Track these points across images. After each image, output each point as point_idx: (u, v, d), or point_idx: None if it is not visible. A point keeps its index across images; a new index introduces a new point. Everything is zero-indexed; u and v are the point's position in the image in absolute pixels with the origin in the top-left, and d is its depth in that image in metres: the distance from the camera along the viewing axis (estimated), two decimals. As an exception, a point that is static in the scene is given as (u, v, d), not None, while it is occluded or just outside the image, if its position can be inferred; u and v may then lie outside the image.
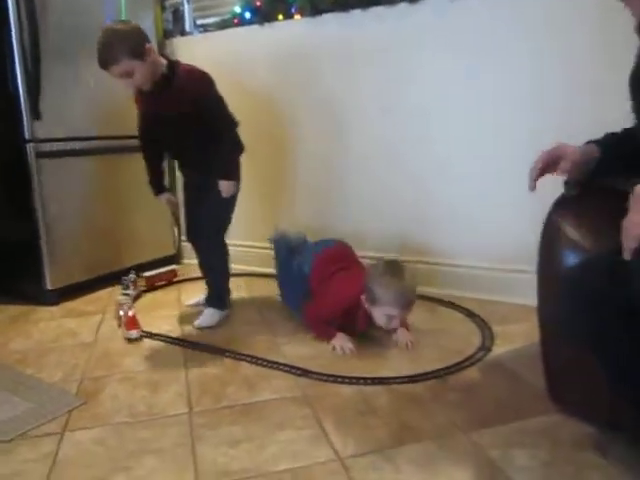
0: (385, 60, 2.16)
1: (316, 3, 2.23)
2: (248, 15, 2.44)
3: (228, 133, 1.83)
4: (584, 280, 0.94)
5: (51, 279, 2.22)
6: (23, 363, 1.71)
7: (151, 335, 1.88)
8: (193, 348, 1.76)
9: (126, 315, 1.85)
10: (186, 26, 2.72)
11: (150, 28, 2.47)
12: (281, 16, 2.36)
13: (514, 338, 1.73)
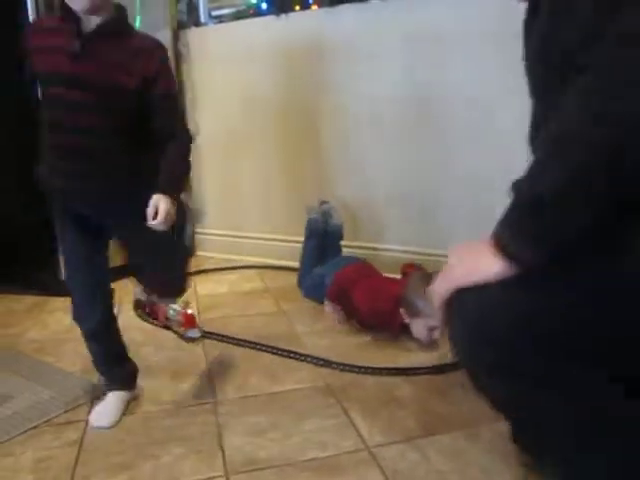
0: (409, 51, 2.13)
1: (334, -7, 2.21)
2: (264, 6, 2.43)
3: (188, 142, 1.22)
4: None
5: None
6: (41, 352, 1.70)
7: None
8: (213, 339, 1.74)
9: (184, 313, 1.71)
10: (201, 17, 2.70)
11: (164, 18, 2.46)
12: (298, 7, 2.34)
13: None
